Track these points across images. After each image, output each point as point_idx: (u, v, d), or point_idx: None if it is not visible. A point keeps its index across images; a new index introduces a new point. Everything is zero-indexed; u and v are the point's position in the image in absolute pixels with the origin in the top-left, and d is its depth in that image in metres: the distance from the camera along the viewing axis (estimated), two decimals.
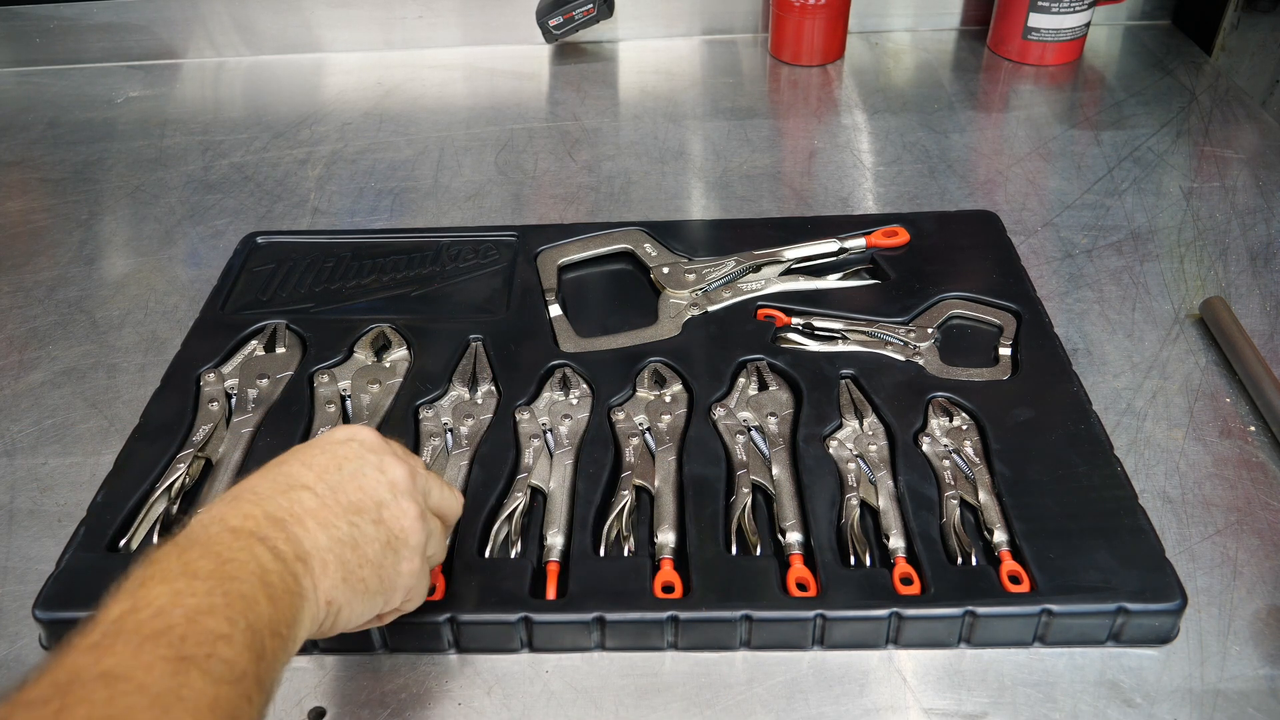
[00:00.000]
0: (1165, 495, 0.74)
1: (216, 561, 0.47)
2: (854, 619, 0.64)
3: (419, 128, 1.27)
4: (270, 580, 0.48)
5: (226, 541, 0.49)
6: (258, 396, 0.82)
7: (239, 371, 0.85)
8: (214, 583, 0.46)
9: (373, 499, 0.56)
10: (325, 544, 0.52)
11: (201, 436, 0.78)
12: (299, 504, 0.53)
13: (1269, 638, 0.65)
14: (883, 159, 1.16)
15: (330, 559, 0.52)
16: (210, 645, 0.43)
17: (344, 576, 0.53)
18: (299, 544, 0.51)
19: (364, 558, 0.54)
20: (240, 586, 0.46)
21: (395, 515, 0.56)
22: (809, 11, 1.31)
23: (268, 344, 0.87)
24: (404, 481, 0.57)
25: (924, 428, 0.76)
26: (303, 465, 0.56)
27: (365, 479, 0.56)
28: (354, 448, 0.58)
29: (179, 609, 0.44)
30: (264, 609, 0.47)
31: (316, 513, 0.53)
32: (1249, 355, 0.82)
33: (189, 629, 0.43)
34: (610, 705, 0.63)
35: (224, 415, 0.81)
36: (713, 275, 0.92)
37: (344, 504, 0.54)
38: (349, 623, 0.55)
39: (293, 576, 0.50)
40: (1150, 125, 1.19)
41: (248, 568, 0.48)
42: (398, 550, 0.56)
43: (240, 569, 0.47)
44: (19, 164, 1.24)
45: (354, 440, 0.58)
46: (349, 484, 0.56)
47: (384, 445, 0.59)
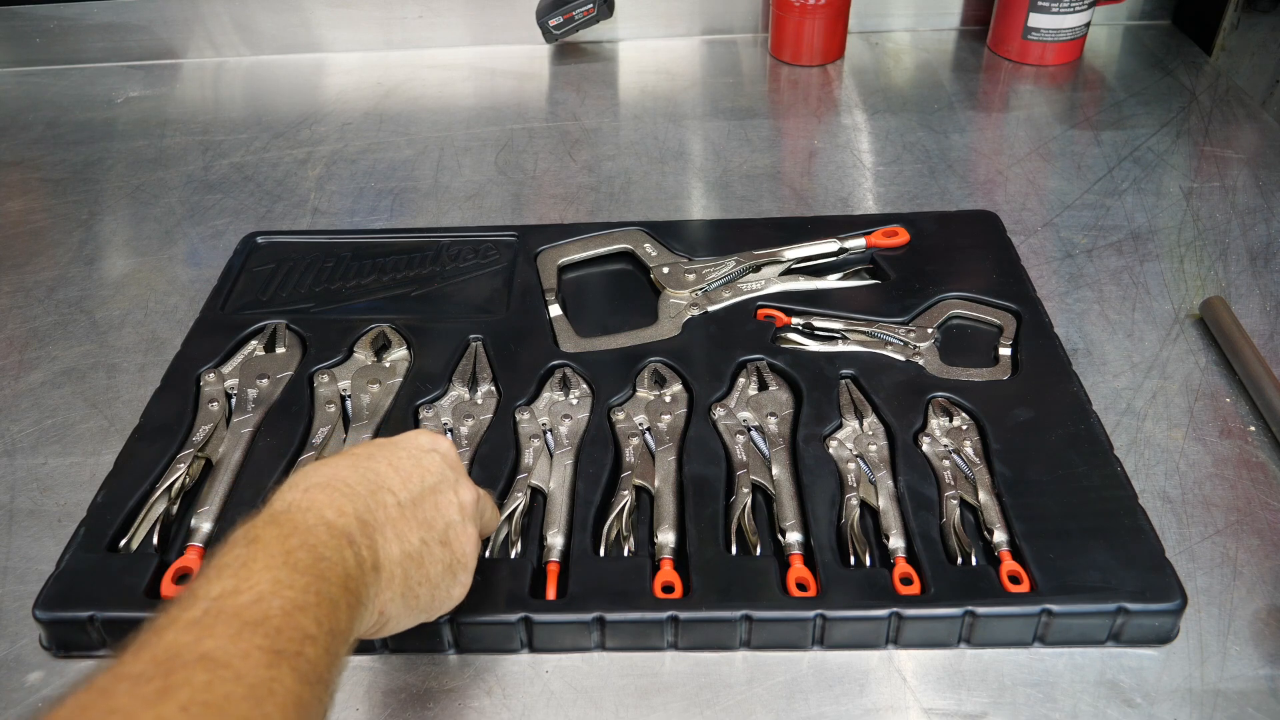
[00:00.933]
0: (1165, 495, 0.74)
1: (313, 557, 0.48)
2: (854, 619, 0.64)
3: (419, 128, 1.27)
4: (351, 587, 0.49)
5: (323, 538, 0.49)
6: (257, 396, 0.82)
7: (239, 371, 0.85)
8: (310, 579, 0.46)
9: (444, 519, 0.56)
10: (397, 556, 0.53)
11: (201, 437, 0.78)
12: (383, 509, 0.53)
13: (1269, 638, 0.65)
14: (883, 159, 1.16)
15: (398, 572, 0.53)
16: (300, 644, 0.43)
17: (404, 592, 0.53)
18: (377, 553, 0.52)
19: (425, 576, 0.55)
20: (330, 589, 0.47)
21: (460, 539, 0.57)
22: (809, 11, 1.31)
23: (268, 344, 0.87)
24: (472, 506, 0.58)
25: (924, 428, 0.76)
26: (390, 467, 0.56)
27: (442, 497, 0.57)
28: (436, 461, 0.58)
29: (278, 600, 0.44)
30: (343, 615, 0.47)
31: (396, 522, 0.54)
32: (1249, 355, 0.82)
33: (284, 623, 0.43)
34: (610, 705, 0.63)
35: (224, 415, 0.81)
36: (713, 275, 0.92)
37: (419, 518, 0.55)
38: (391, 631, 0.55)
39: (364, 586, 0.50)
40: (1150, 125, 1.19)
41: (337, 570, 0.48)
42: (455, 574, 0.57)
43: (331, 570, 0.48)
44: (19, 164, 1.24)
45: (437, 452, 0.59)
46: (428, 499, 0.56)
47: (460, 464, 0.60)
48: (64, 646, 0.67)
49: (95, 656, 0.66)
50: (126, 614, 0.65)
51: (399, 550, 0.53)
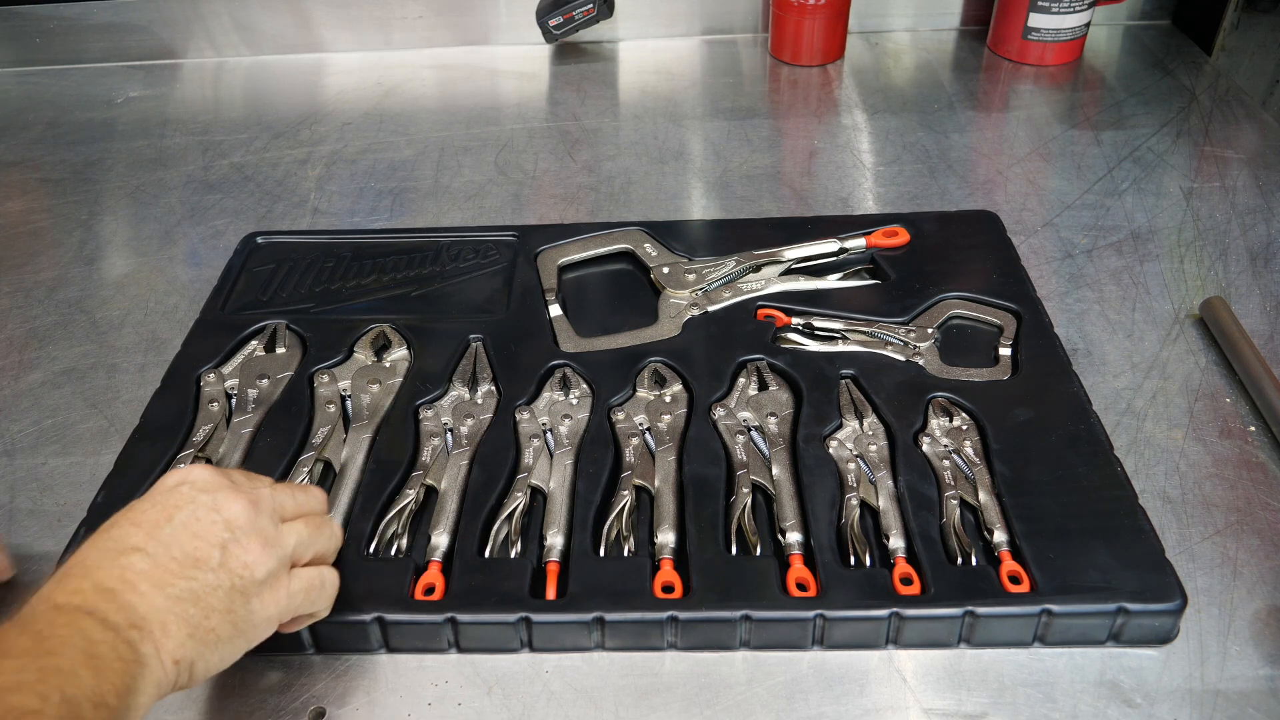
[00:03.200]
0: (1165, 495, 0.74)
1: (34, 639, 0.47)
2: (854, 619, 0.64)
3: (419, 128, 1.27)
4: (98, 651, 0.47)
5: (49, 619, 0.48)
6: (258, 397, 0.82)
7: (239, 372, 0.85)
8: (27, 660, 0.46)
9: (212, 544, 0.54)
10: (163, 605, 0.52)
11: (202, 437, 0.78)
12: (130, 569, 0.52)
13: (1269, 638, 0.65)
14: (883, 159, 1.16)
15: (170, 619, 0.51)
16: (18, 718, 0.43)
17: (190, 633, 0.52)
18: (133, 611, 0.50)
19: (210, 608, 0.53)
20: (57, 661, 0.46)
21: (238, 555, 0.55)
22: (809, 11, 1.31)
23: (268, 344, 0.87)
24: (242, 516, 0.56)
25: (924, 428, 0.76)
26: (132, 525, 0.54)
27: (199, 524, 0.55)
28: (185, 492, 0.56)
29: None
30: (86, 680, 0.46)
31: (150, 574, 0.52)
32: (1249, 355, 0.82)
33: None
34: (610, 705, 0.63)
35: (224, 415, 0.81)
36: (713, 275, 0.92)
37: (179, 558, 0.53)
38: (209, 671, 0.54)
39: (127, 644, 0.49)
40: (1150, 125, 1.19)
41: (69, 642, 0.47)
42: (246, 592, 0.55)
43: (60, 644, 0.47)
44: (19, 164, 1.24)
45: (184, 484, 0.57)
46: (182, 535, 0.54)
47: (219, 481, 0.58)
48: None
49: None
50: None
51: (163, 598, 0.52)
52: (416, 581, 0.67)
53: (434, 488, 0.74)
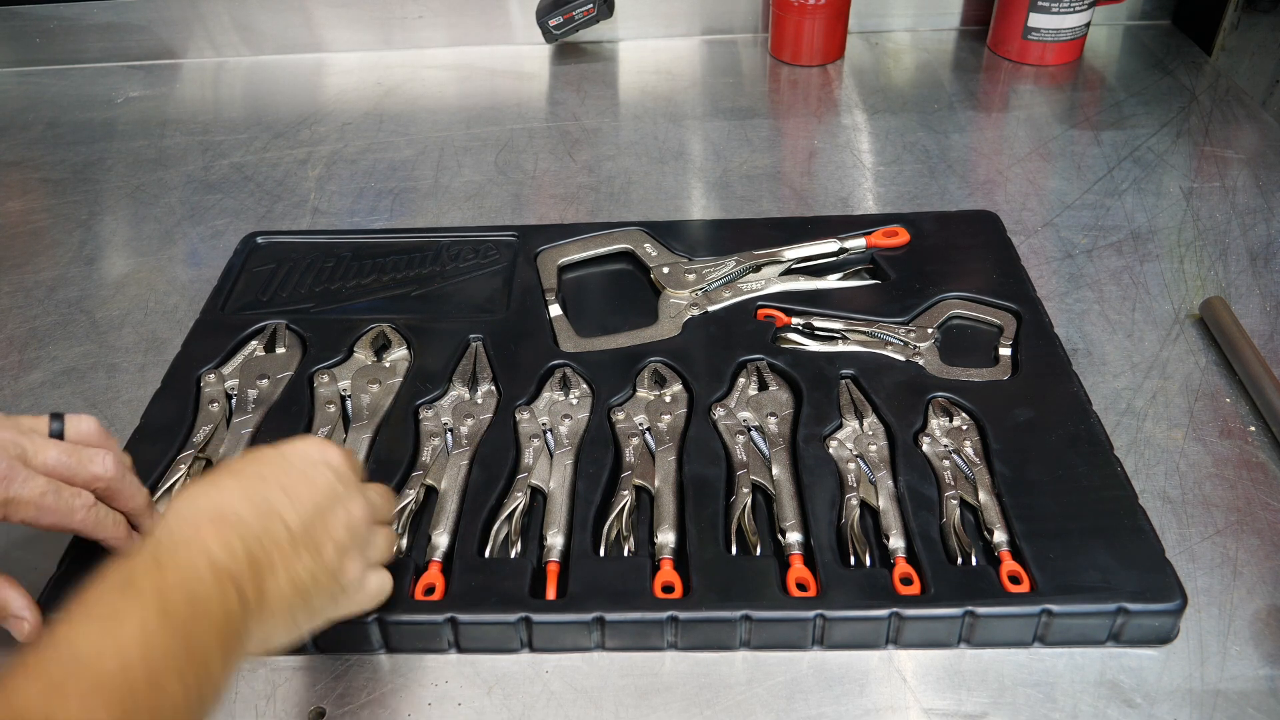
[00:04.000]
0: (1165, 495, 0.74)
1: (191, 607, 0.47)
2: (854, 619, 0.64)
3: (419, 128, 1.27)
4: (229, 633, 0.48)
5: (206, 580, 0.48)
6: (258, 397, 0.82)
7: (239, 372, 0.85)
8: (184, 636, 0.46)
9: (334, 541, 0.56)
10: (285, 590, 0.52)
11: (202, 437, 0.78)
12: (273, 540, 0.52)
13: (1269, 638, 0.65)
14: (883, 159, 1.16)
15: (280, 606, 0.52)
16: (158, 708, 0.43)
17: (286, 624, 0.53)
18: (264, 592, 0.51)
19: (309, 605, 0.55)
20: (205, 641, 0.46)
21: (345, 562, 0.57)
22: (809, 11, 1.31)
23: (268, 344, 0.87)
24: (362, 524, 0.58)
25: (924, 428, 0.76)
26: (281, 490, 0.55)
27: (332, 518, 0.56)
28: (328, 476, 0.57)
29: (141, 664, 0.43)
30: (216, 670, 0.47)
31: (285, 552, 0.53)
32: (1249, 355, 0.82)
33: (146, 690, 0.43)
34: (610, 705, 0.63)
35: (224, 416, 0.81)
36: (713, 275, 0.92)
37: (310, 544, 0.54)
38: (267, 649, 0.55)
39: (246, 631, 0.50)
40: (1150, 125, 1.19)
41: (216, 615, 0.48)
42: (336, 596, 0.57)
43: (208, 621, 0.47)
44: (19, 164, 1.24)
45: (327, 466, 0.58)
46: (318, 522, 0.55)
47: (349, 472, 0.59)
48: None
49: None
50: None
51: (288, 585, 0.52)
52: (416, 581, 0.67)
53: (434, 488, 0.74)
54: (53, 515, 0.61)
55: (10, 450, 0.60)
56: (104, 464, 0.64)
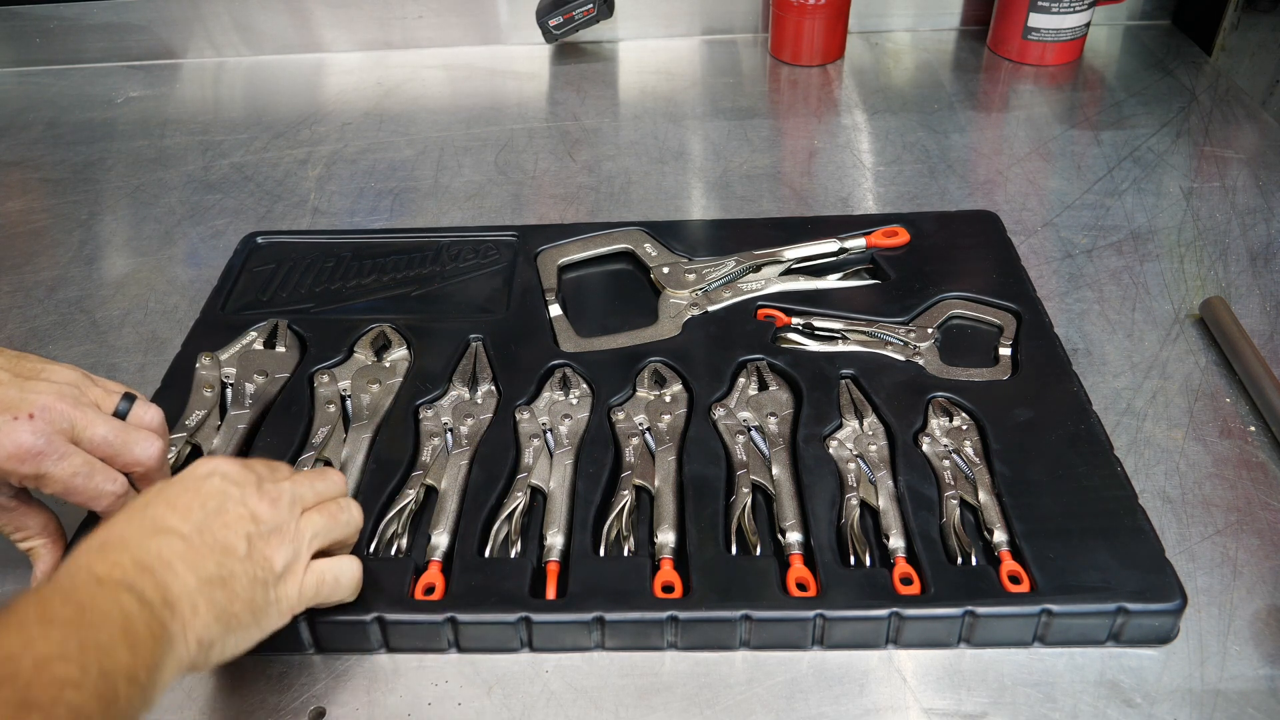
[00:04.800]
0: (1165, 495, 0.74)
1: (76, 610, 0.48)
2: (854, 619, 0.64)
3: (419, 128, 1.27)
4: (134, 627, 0.48)
5: (90, 590, 0.49)
6: (255, 392, 0.82)
7: (236, 361, 0.84)
8: (70, 630, 0.46)
9: (239, 535, 0.56)
10: (194, 586, 0.53)
11: (194, 422, 0.78)
12: (167, 548, 0.53)
13: (1269, 638, 0.65)
14: (883, 159, 1.16)
15: (200, 600, 0.53)
16: (56, 691, 0.43)
17: (216, 615, 0.53)
18: (167, 589, 0.52)
19: (234, 594, 0.55)
20: (98, 635, 0.47)
21: (261, 549, 0.57)
22: (809, 11, 1.31)
23: (267, 340, 0.87)
24: (267, 512, 0.58)
25: (924, 428, 0.76)
26: (168, 507, 0.56)
27: (229, 515, 0.56)
28: (217, 484, 0.58)
29: (29, 655, 0.44)
30: (122, 656, 0.47)
31: (184, 556, 0.53)
32: (1249, 355, 0.82)
33: (35, 675, 0.43)
34: (610, 705, 0.63)
35: (216, 403, 0.81)
36: (713, 275, 0.92)
37: (210, 543, 0.55)
38: (225, 656, 0.55)
39: (159, 623, 0.50)
40: (1150, 125, 1.19)
41: (109, 616, 0.48)
42: (267, 584, 0.57)
43: (101, 617, 0.48)
44: (19, 164, 1.24)
45: (215, 474, 0.58)
46: (214, 522, 0.56)
47: (247, 476, 0.59)
48: None
49: None
50: None
51: (195, 579, 0.53)
52: (416, 581, 0.67)
53: (434, 487, 0.74)
54: (79, 496, 0.63)
55: (58, 423, 0.61)
56: (148, 449, 0.65)
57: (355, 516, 0.64)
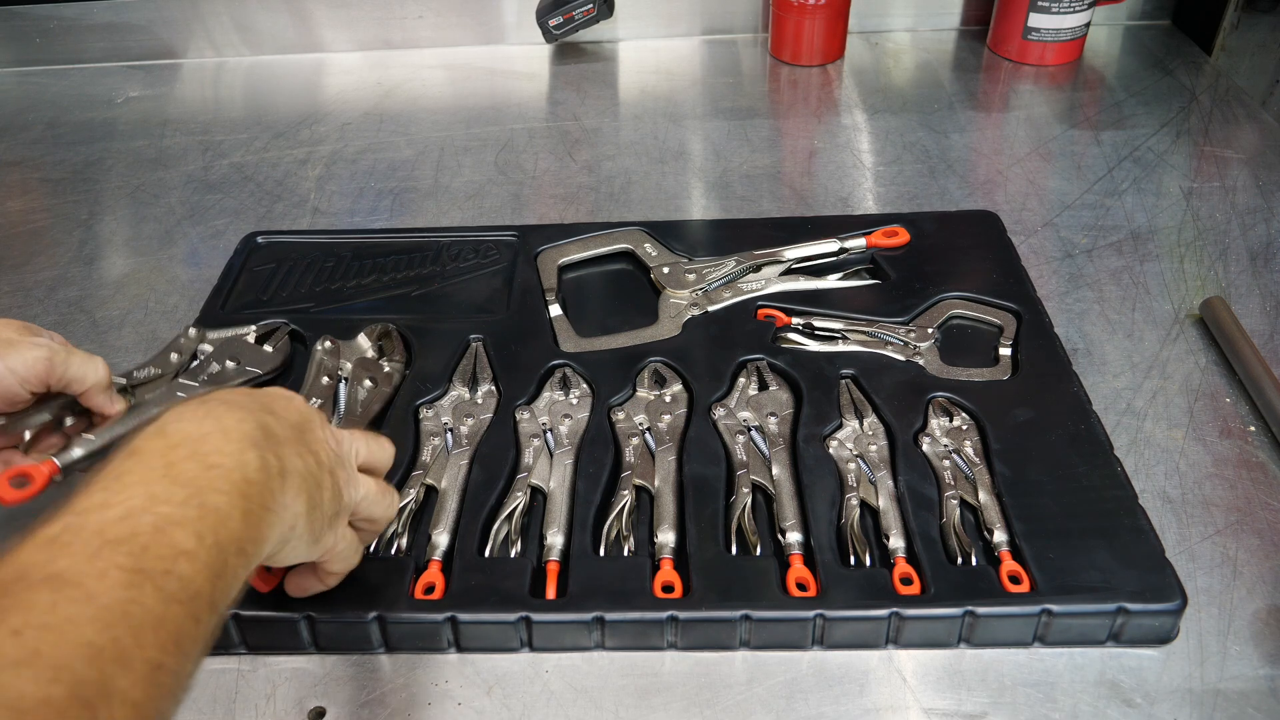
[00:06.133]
0: (1165, 495, 0.74)
1: (201, 466, 0.46)
2: (854, 619, 0.64)
3: (419, 128, 1.27)
4: (250, 493, 0.47)
5: (218, 444, 0.48)
6: (216, 373, 0.81)
7: (221, 343, 0.84)
8: (192, 491, 0.45)
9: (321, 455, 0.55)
10: (301, 469, 0.52)
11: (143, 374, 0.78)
12: (279, 428, 0.52)
13: (1269, 638, 0.65)
14: (883, 159, 1.16)
15: (302, 486, 0.52)
16: (171, 561, 0.42)
17: (308, 509, 0.52)
18: (284, 460, 0.50)
19: (322, 500, 0.54)
20: (218, 499, 0.45)
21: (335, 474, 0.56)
22: (809, 11, 1.31)
23: (259, 337, 0.86)
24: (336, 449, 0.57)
25: (924, 428, 0.76)
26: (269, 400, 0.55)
27: (314, 434, 0.56)
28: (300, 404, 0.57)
29: (149, 515, 0.42)
30: (236, 525, 0.45)
31: (293, 443, 0.52)
32: (1249, 355, 0.82)
33: (153, 539, 0.42)
34: (610, 705, 0.63)
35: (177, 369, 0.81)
36: (713, 275, 0.92)
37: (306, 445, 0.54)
38: (287, 560, 0.54)
39: (271, 493, 0.49)
40: (1150, 125, 1.19)
41: (231, 477, 0.46)
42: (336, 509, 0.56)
43: (223, 479, 0.46)
44: (19, 164, 1.24)
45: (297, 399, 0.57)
46: (306, 434, 0.55)
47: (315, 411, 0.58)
48: None
49: None
50: None
51: (302, 464, 0.52)
52: (416, 581, 0.67)
53: (434, 487, 0.74)
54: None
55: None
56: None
57: (394, 504, 0.63)
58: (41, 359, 0.64)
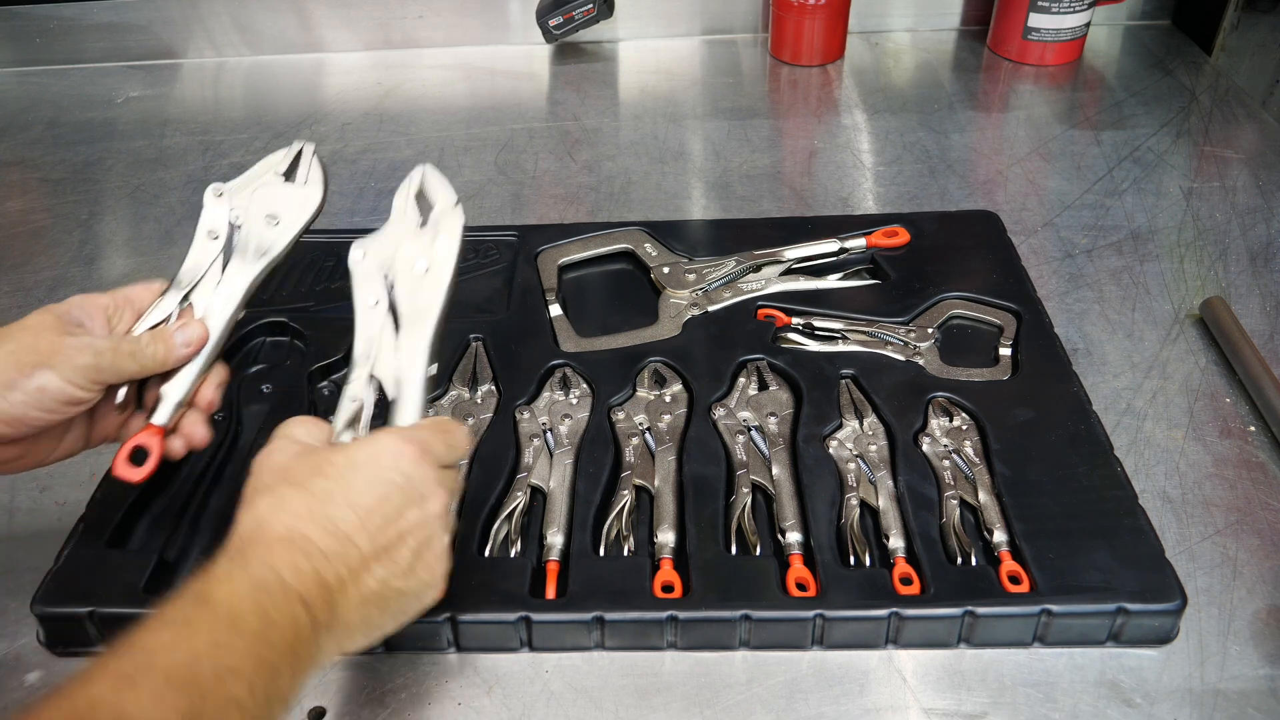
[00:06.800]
0: (1165, 495, 0.74)
1: (262, 621, 0.48)
2: (854, 619, 0.64)
3: (419, 128, 1.27)
4: (300, 651, 0.49)
5: (276, 600, 0.49)
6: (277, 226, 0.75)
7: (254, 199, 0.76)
8: (251, 643, 0.47)
9: (410, 549, 0.56)
10: (356, 605, 0.53)
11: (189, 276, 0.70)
12: (343, 560, 0.53)
13: (1269, 638, 0.65)
14: (883, 159, 1.16)
15: (356, 621, 0.53)
16: (225, 710, 0.44)
17: (364, 631, 0.55)
18: (335, 613, 0.52)
19: (386, 609, 0.56)
20: (273, 655, 0.47)
21: (427, 562, 0.57)
22: (809, 11, 1.31)
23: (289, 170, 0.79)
24: (439, 515, 0.57)
25: (924, 428, 0.76)
26: (349, 507, 0.54)
27: (406, 521, 0.55)
28: (397, 481, 0.55)
29: (210, 664, 0.45)
30: (285, 681, 0.48)
31: (355, 572, 0.53)
32: (1249, 355, 0.82)
33: (213, 689, 0.44)
34: (610, 705, 0.63)
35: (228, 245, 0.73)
36: (713, 275, 0.92)
37: (378, 553, 0.54)
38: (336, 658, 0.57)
39: (318, 646, 0.51)
40: (1150, 125, 1.19)
41: (285, 635, 0.49)
42: (419, 596, 0.58)
43: (279, 635, 0.48)
44: (19, 164, 1.24)
45: (399, 470, 0.56)
46: (389, 530, 0.55)
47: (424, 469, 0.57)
48: (62, 643, 0.67)
49: (93, 653, 0.66)
50: (125, 610, 0.65)
51: (359, 598, 0.53)
52: None
53: None
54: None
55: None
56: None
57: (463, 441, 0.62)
58: (86, 366, 0.61)
